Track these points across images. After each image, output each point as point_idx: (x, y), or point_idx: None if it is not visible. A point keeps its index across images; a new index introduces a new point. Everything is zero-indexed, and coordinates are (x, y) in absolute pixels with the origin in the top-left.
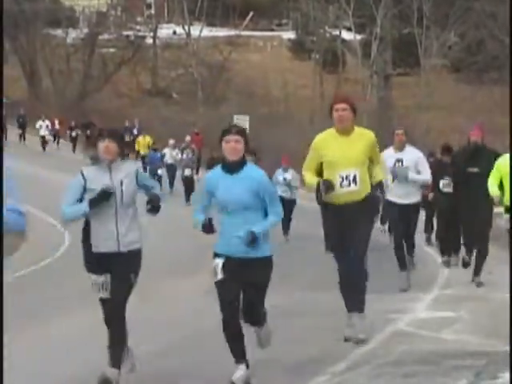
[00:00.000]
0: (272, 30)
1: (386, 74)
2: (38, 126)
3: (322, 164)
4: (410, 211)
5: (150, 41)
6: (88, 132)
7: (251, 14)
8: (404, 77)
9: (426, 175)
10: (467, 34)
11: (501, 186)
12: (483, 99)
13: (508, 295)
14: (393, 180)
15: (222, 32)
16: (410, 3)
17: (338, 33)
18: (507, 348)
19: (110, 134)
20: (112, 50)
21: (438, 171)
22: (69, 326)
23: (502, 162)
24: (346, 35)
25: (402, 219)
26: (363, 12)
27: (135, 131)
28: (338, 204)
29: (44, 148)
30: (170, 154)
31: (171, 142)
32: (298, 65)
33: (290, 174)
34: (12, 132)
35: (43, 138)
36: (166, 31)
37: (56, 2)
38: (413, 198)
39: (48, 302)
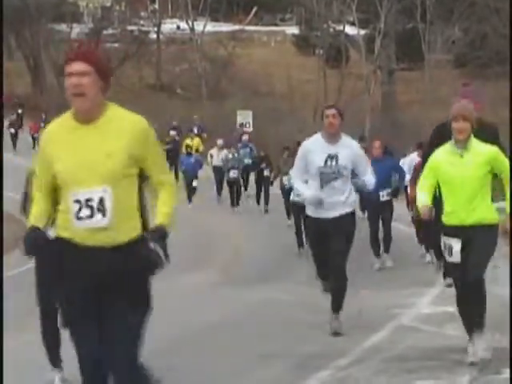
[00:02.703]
0: (276, 25)
1: (390, 69)
2: None
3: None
4: (336, 227)
5: (153, 36)
6: None
7: (255, 9)
8: (408, 72)
9: (370, 178)
10: (471, 29)
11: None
12: (487, 94)
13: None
14: (322, 186)
15: (225, 27)
16: None
17: (341, 28)
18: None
19: None
20: (116, 44)
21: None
22: None
23: (440, 157)
24: (350, 30)
25: (324, 240)
26: (367, 7)
27: (195, 130)
28: (82, 248)
29: None
30: (217, 156)
31: (219, 142)
32: (302, 60)
33: None
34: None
35: None
36: (169, 26)
37: None
38: (343, 207)
39: None
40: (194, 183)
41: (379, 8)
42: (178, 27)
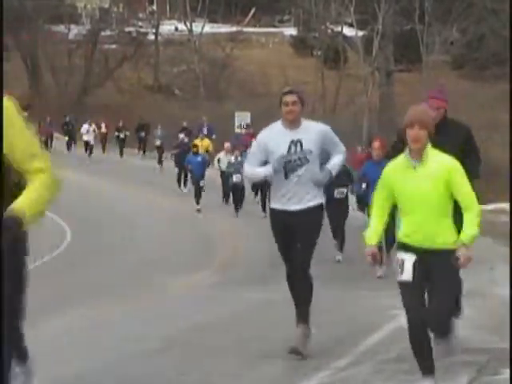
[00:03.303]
0: (274, 26)
1: (388, 70)
2: (83, 130)
3: None
4: (302, 223)
5: (151, 37)
6: (143, 134)
7: (253, 10)
8: (406, 73)
9: (340, 150)
10: (468, 30)
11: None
12: (485, 95)
13: (508, 291)
14: (286, 176)
15: (223, 28)
16: None
17: (339, 29)
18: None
19: None
20: (114, 46)
21: None
22: (66, 323)
23: (392, 171)
24: (348, 31)
25: (291, 239)
26: (365, 8)
27: (205, 131)
28: None
29: (90, 153)
30: (224, 161)
31: (227, 145)
32: (300, 61)
33: None
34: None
35: (87, 143)
36: (167, 27)
37: None
38: (310, 199)
39: (47, 299)
40: (201, 183)
41: (377, 9)
42: (176, 28)
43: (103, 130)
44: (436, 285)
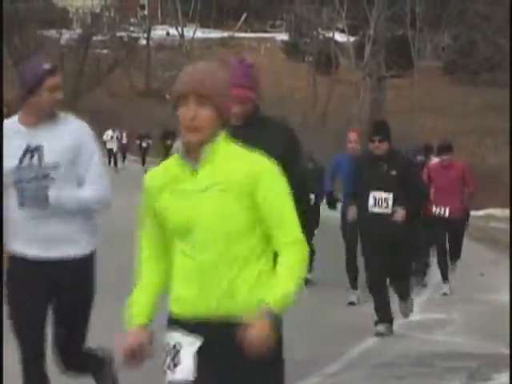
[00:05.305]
0: (266, 31)
1: (379, 75)
2: (106, 137)
3: None
4: (53, 278)
5: (143, 42)
6: (168, 142)
7: (245, 15)
8: (397, 79)
9: (94, 183)
10: (460, 36)
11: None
12: (476, 101)
13: (500, 297)
14: (22, 204)
15: (215, 33)
16: (404, 5)
17: (331, 35)
18: (501, 350)
19: None
20: (105, 50)
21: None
22: None
23: (156, 180)
24: (340, 37)
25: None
26: (356, 14)
27: None
28: None
29: (115, 164)
30: None
31: None
32: (292, 66)
33: None
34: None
35: (111, 151)
36: (159, 32)
37: (50, 3)
38: (66, 243)
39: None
40: None
41: (369, 15)
42: (168, 33)
43: (124, 141)
44: None
